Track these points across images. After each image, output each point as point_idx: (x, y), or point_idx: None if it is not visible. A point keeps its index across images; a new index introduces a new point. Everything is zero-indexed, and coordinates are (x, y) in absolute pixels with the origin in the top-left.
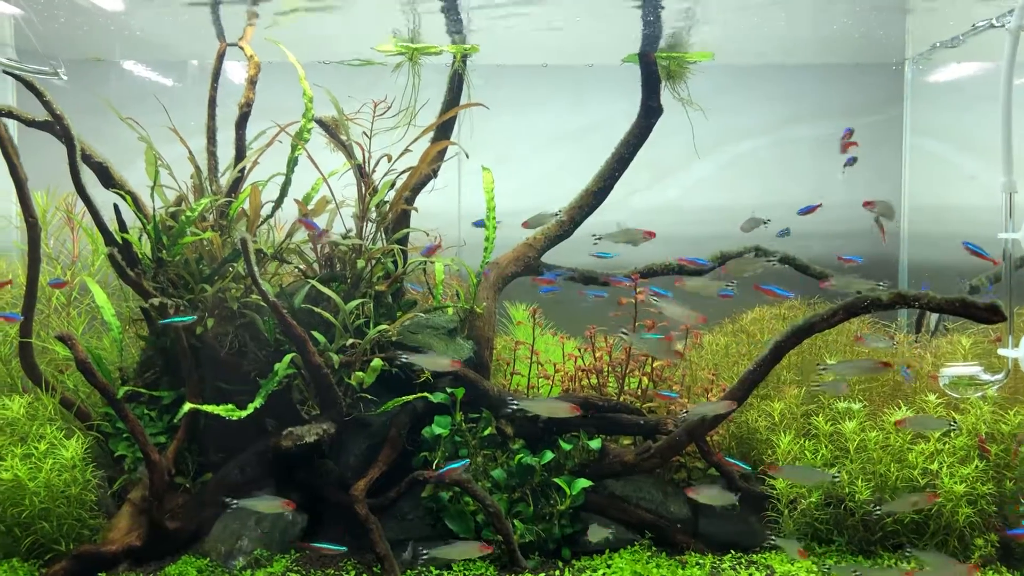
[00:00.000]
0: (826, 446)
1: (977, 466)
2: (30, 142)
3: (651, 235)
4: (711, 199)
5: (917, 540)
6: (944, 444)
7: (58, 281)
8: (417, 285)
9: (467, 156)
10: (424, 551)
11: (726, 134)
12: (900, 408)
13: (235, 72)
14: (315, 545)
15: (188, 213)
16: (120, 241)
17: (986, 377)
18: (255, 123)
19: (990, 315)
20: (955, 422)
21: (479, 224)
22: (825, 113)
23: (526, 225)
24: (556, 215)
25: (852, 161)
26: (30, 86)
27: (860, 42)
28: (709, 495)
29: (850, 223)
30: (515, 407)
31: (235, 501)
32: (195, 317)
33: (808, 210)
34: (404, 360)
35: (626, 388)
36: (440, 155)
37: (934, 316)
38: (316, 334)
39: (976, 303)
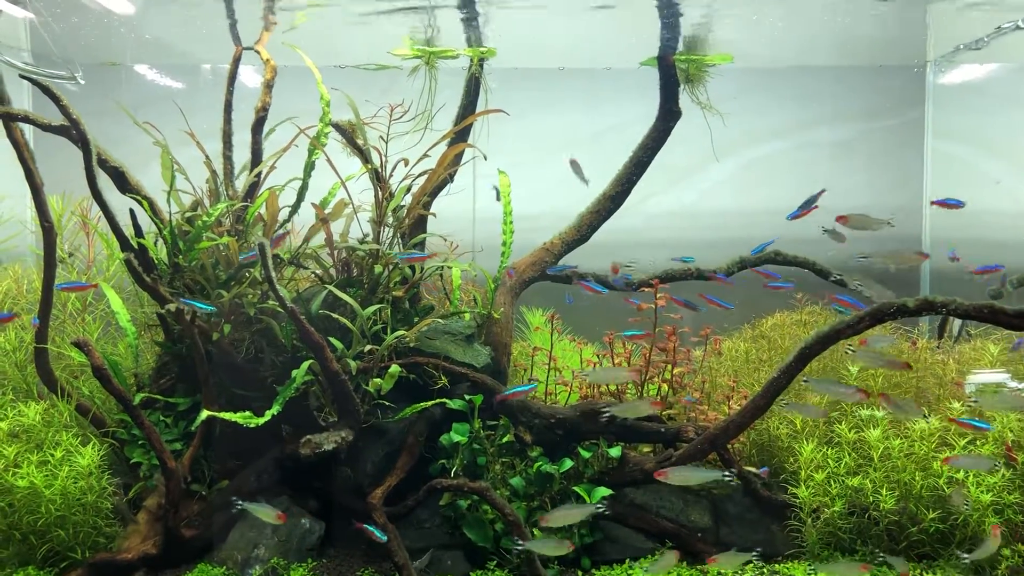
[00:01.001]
0: (849, 454)
1: (1004, 475)
2: (46, 146)
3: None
4: (728, 203)
5: (943, 550)
6: (970, 453)
7: (76, 284)
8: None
9: (485, 158)
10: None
11: (744, 137)
12: (925, 415)
13: (249, 77)
14: (366, 527)
15: (204, 218)
16: (136, 246)
17: (1014, 384)
18: (271, 127)
19: (1019, 321)
20: (999, 463)
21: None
22: (845, 116)
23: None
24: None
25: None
26: (46, 90)
27: (881, 44)
28: (682, 476)
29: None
30: (606, 416)
31: (240, 502)
32: (213, 307)
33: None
34: (608, 413)
35: (645, 395)
36: (457, 159)
37: (957, 321)
38: (333, 340)
39: (1005, 309)
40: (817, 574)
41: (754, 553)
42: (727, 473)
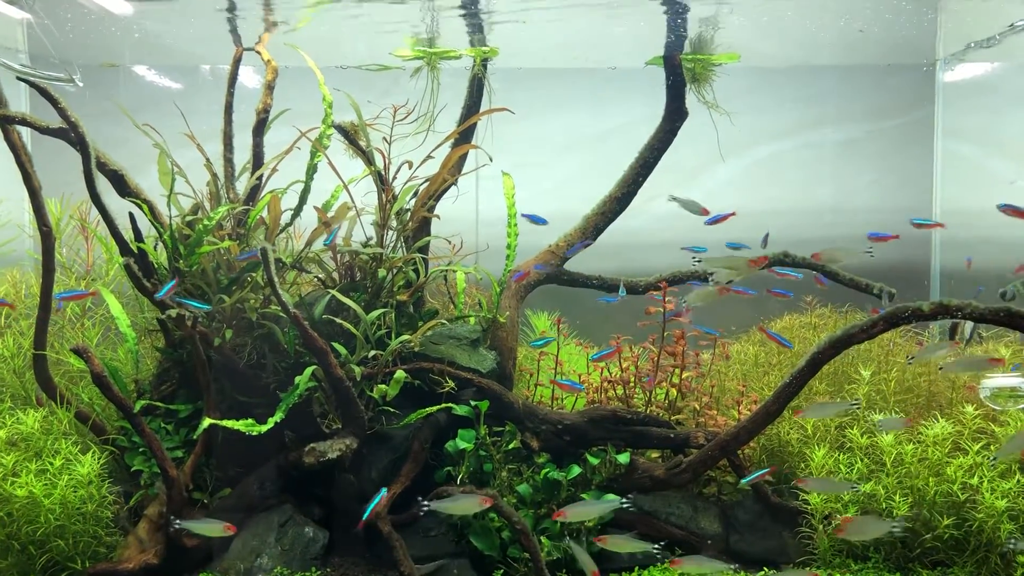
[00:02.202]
0: (861, 459)
1: (1019, 480)
2: (44, 150)
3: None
4: (734, 204)
5: (957, 557)
6: (984, 458)
7: (75, 293)
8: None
9: (491, 159)
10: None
11: (750, 137)
12: (937, 420)
13: (249, 78)
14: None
15: (205, 222)
16: (136, 250)
17: None
18: (271, 129)
19: None
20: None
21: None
22: (853, 116)
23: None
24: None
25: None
26: (44, 93)
27: (890, 42)
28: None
29: (878, 228)
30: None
31: (178, 522)
32: (209, 307)
33: (718, 219)
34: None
35: (653, 400)
36: (461, 161)
37: (968, 324)
38: (337, 345)
39: (1021, 313)
40: None
41: (731, 567)
42: (624, 500)
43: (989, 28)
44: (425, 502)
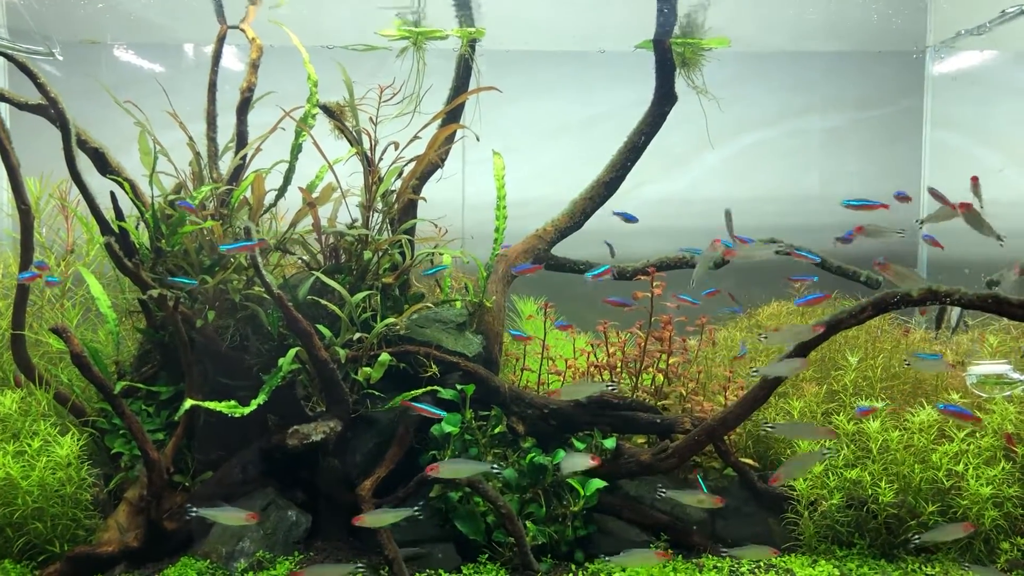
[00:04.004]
0: (847, 446)
1: (1004, 468)
2: (23, 126)
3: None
4: (721, 190)
5: (941, 543)
6: (969, 445)
7: (37, 272)
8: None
9: (478, 139)
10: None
11: (738, 123)
12: (923, 407)
13: (232, 61)
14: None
15: (188, 201)
16: (117, 230)
17: (1016, 376)
18: (255, 109)
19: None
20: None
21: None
22: (840, 104)
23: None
24: None
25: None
26: (23, 67)
27: (879, 29)
28: (573, 464)
29: (865, 216)
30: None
31: (195, 509)
32: (196, 282)
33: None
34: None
35: (640, 385)
36: (448, 141)
37: (955, 311)
38: (321, 328)
39: (1010, 300)
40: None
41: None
42: (493, 466)
43: (980, 16)
44: (193, 508)
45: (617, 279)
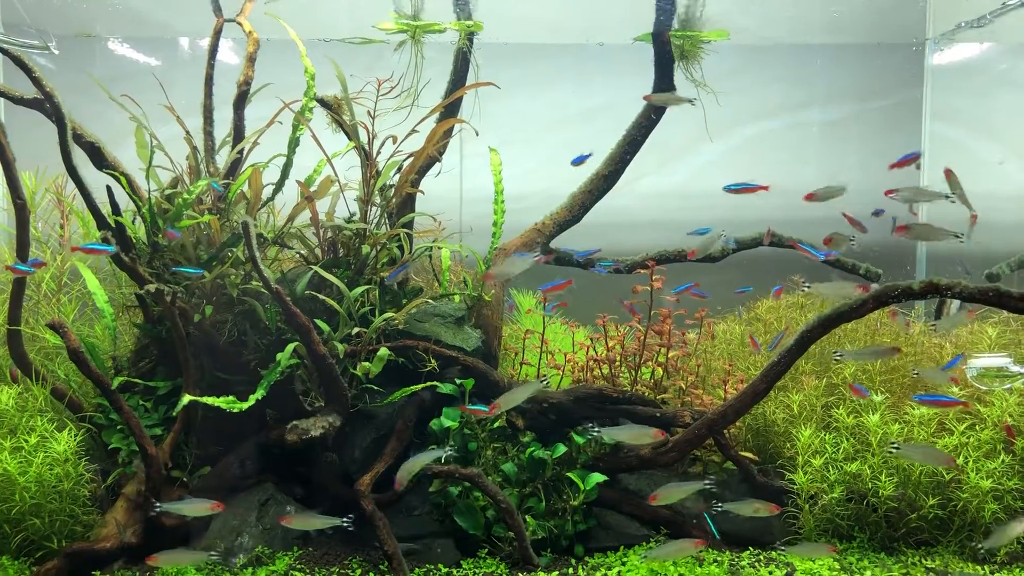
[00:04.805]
0: (847, 439)
1: (1004, 460)
2: (18, 121)
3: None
4: (720, 183)
5: (941, 536)
6: (969, 438)
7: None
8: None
9: (476, 133)
10: None
11: (736, 116)
12: None
13: (228, 55)
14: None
15: (185, 195)
16: (113, 224)
17: (1016, 368)
18: (252, 104)
19: None
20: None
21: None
22: (840, 96)
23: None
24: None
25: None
26: (19, 61)
27: (879, 21)
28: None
29: (865, 207)
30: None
31: (159, 505)
32: (203, 272)
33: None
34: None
35: (639, 379)
36: (446, 136)
37: (954, 304)
38: (320, 322)
39: (1011, 293)
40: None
41: (706, 482)
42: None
43: (980, 7)
44: (157, 504)
45: (615, 273)
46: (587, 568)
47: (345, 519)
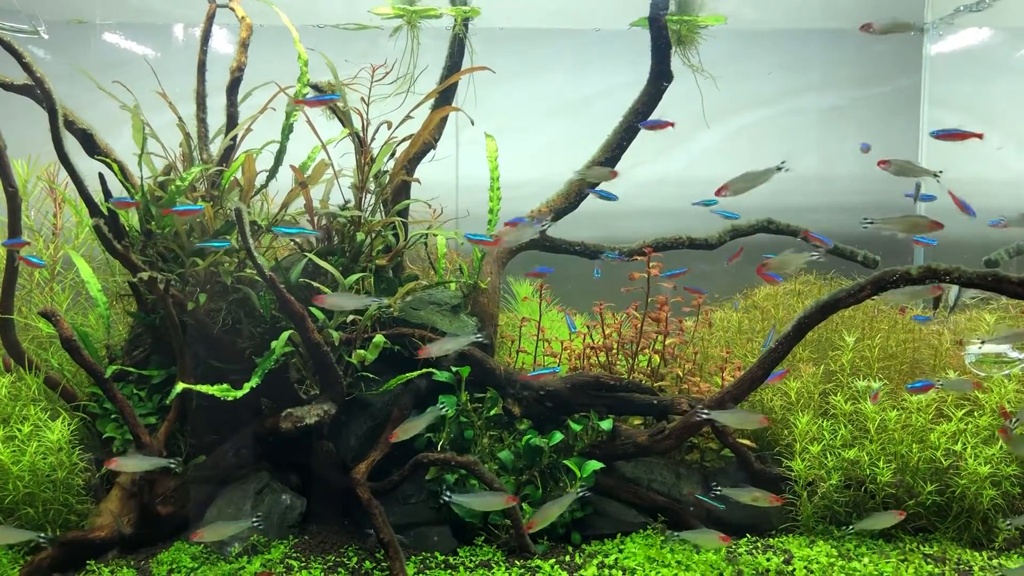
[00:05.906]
0: (845, 426)
1: (1002, 447)
2: (9, 108)
3: (939, 226)
4: (717, 170)
5: (939, 523)
6: (967, 424)
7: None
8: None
9: (472, 122)
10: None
11: (733, 103)
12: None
13: (221, 43)
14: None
15: (178, 183)
16: (106, 212)
17: (1015, 355)
18: (244, 90)
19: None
20: None
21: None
22: (837, 82)
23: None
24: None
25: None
26: (8, 47)
27: (877, 6)
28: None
29: (863, 195)
30: (704, 415)
31: (449, 495)
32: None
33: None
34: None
35: (636, 366)
36: (442, 123)
37: (953, 291)
38: (314, 310)
39: (1010, 278)
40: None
41: (577, 490)
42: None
43: None
44: (448, 494)
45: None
46: (584, 555)
47: (255, 520)
